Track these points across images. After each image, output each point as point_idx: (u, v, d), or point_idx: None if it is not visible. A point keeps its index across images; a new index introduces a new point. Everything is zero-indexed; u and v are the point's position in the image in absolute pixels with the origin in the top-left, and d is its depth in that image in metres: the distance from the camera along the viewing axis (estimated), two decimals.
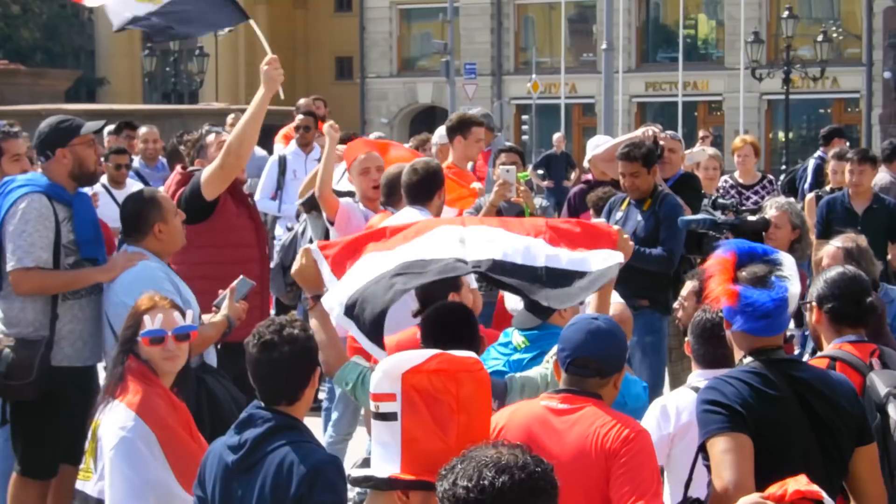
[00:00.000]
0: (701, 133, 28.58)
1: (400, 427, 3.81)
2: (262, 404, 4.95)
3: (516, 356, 6.33)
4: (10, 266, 7.04)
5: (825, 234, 10.27)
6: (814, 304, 5.78)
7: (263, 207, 12.04)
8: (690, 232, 8.23)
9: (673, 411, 5.84)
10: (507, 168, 9.56)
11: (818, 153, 14.96)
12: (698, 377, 5.82)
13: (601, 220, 7.88)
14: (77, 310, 7.15)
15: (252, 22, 8.89)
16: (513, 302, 6.84)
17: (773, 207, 8.48)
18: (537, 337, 6.31)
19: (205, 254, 7.49)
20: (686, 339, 6.02)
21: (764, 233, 8.14)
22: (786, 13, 45.29)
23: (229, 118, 16.25)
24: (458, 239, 5.84)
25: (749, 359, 4.85)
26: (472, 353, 4.01)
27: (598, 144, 11.59)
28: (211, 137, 8.65)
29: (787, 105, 45.80)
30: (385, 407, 3.83)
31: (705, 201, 8.98)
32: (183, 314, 5.92)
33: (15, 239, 7.03)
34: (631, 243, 6.27)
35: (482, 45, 56.77)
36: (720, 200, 8.34)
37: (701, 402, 4.76)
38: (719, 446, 4.63)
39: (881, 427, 5.45)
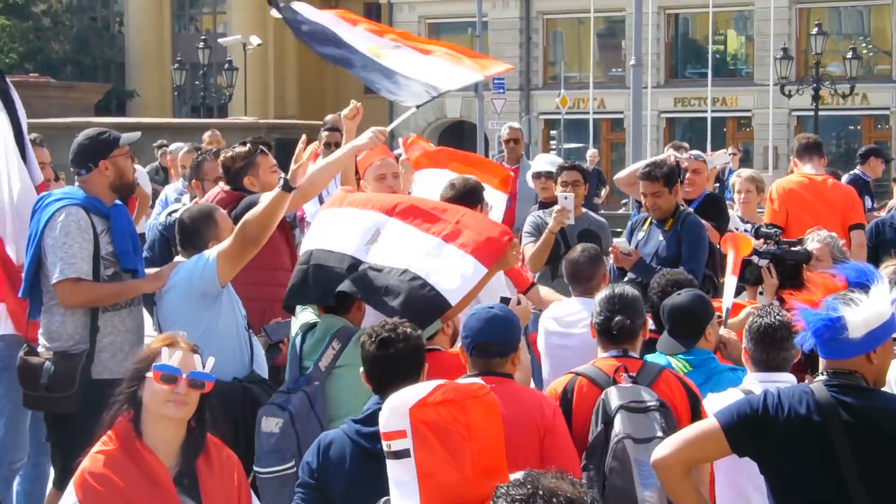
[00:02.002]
0: (730, 150, 28.49)
1: (414, 463, 3.78)
2: (382, 397, 5.25)
3: None
4: (54, 279, 7.09)
5: (874, 258, 10.08)
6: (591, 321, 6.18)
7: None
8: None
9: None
10: (565, 195, 9.61)
11: (855, 171, 14.80)
12: (752, 380, 5.96)
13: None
14: (117, 321, 7.21)
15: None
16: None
17: (815, 240, 8.41)
18: (699, 362, 6.56)
19: (247, 275, 7.53)
20: (743, 345, 6.10)
21: (805, 265, 8.17)
22: (815, 29, 45.15)
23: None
24: (372, 234, 6.66)
25: (822, 376, 4.88)
26: (478, 380, 4.02)
27: (550, 161, 11.51)
28: (269, 160, 8.64)
29: (816, 121, 45.65)
30: (396, 445, 3.81)
31: (747, 226, 8.86)
32: (203, 362, 5.22)
33: (56, 251, 7.08)
34: (518, 254, 6.98)
35: (511, 60, 56.57)
36: (763, 230, 8.29)
37: (745, 397, 4.99)
38: (706, 426, 4.92)
39: (602, 438, 5.75)
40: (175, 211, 9.20)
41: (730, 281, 7.83)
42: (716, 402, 5.94)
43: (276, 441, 6.32)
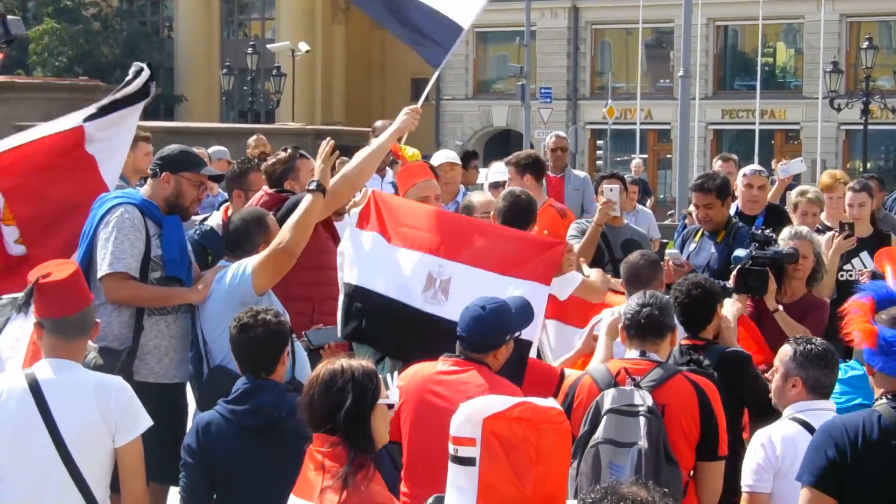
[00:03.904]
0: (774, 163, 28.20)
1: (478, 473, 3.79)
2: (249, 377, 5.88)
3: None
4: (101, 272, 7.13)
5: None
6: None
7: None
8: (739, 270, 8.14)
9: (779, 445, 5.72)
10: (611, 187, 9.68)
11: None
12: (804, 407, 5.77)
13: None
14: (163, 326, 7.25)
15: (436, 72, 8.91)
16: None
17: (796, 238, 8.38)
18: None
19: (296, 276, 7.52)
20: (793, 375, 5.89)
21: (794, 264, 8.23)
22: (865, 43, 44.91)
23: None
24: (426, 278, 6.88)
25: (883, 400, 4.80)
26: (555, 404, 3.99)
27: (504, 171, 11.41)
28: (310, 163, 8.62)
29: (865, 135, 45.40)
30: (464, 451, 3.83)
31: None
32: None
33: (106, 245, 7.13)
34: (572, 260, 6.95)
35: (558, 70, 56.75)
36: (761, 234, 8.24)
37: (814, 441, 4.86)
38: (805, 499, 4.80)
39: (585, 440, 5.71)
40: (207, 218, 9.18)
41: None
42: (771, 433, 5.77)
43: None
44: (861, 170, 48.73)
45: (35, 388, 5.38)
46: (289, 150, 8.70)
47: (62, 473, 5.37)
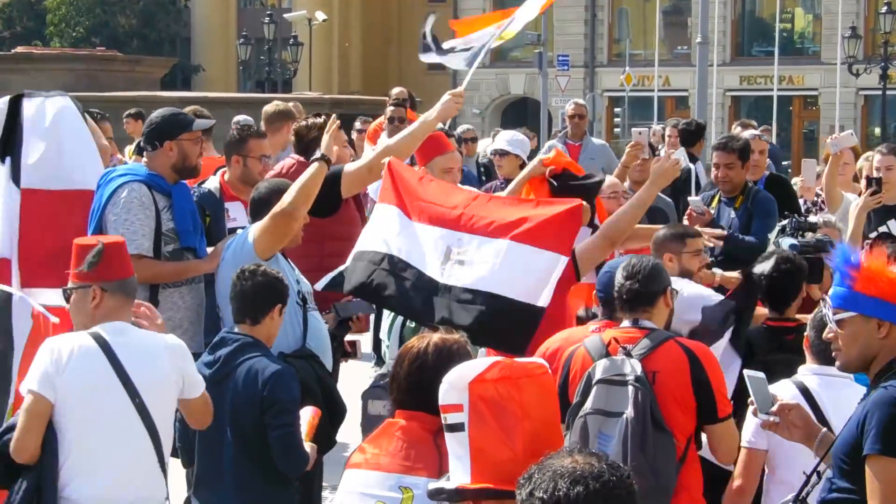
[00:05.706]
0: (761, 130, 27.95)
1: (468, 437, 3.82)
2: (231, 329, 6.34)
3: None
4: None
5: None
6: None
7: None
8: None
9: None
10: (639, 130, 9.73)
11: None
12: (807, 372, 5.84)
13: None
14: (177, 297, 7.27)
15: None
16: None
17: (826, 226, 8.20)
18: None
19: (330, 246, 7.54)
20: (806, 333, 5.95)
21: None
22: (884, 8, 44.69)
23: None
24: (444, 252, 6.79)
25: None
26: (537, 359, 4.02)
27: (508, 140, 11.39)
28: (342, 134, 8.64)
29: (884, 100, 45.23)
30: (452, 418, 3.85)
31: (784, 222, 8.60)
32: None
33: (118, 227, 7.12)
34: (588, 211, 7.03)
35: (576, 37, 56.57)
36: (806, 221, 8.16)
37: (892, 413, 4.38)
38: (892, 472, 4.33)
39: (576, 410, 5.79)
40: (205, 182, 9.15)
41: None
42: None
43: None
44: (880, 135, 48.64)
45: (106, 348, 5.60)
46: (323, 117, 8.68)
47: (138, 425, 5.62)
